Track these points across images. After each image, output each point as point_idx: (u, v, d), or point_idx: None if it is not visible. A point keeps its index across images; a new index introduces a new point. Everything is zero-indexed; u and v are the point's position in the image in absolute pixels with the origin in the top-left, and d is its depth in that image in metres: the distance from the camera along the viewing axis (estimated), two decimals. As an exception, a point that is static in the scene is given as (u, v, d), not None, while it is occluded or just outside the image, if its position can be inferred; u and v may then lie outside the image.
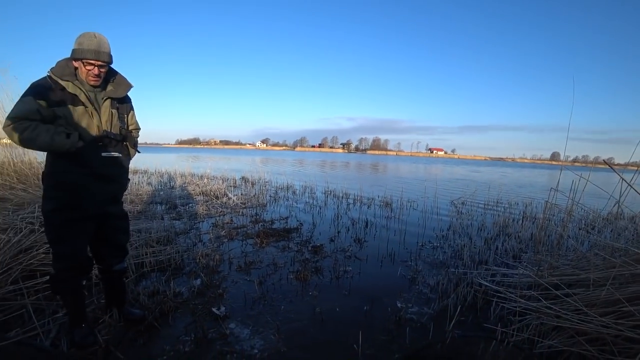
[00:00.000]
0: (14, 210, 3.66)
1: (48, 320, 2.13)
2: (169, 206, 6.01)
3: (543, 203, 7.28)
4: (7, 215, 3.37)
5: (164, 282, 2.82)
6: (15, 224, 3.14)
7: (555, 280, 2.39)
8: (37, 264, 2.74)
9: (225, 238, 4.19)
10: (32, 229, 3.12)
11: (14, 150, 5.27)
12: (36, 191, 4.49)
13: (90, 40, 1.71)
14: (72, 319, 1.94)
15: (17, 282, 2.43)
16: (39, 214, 3.50)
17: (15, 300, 2.31)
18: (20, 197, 4.18)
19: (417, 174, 20.39)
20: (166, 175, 10.23)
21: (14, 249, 2.74)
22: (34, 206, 3.74)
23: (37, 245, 2.91)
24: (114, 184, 1.95)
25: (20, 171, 4.97)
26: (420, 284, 3.06)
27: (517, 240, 4.43)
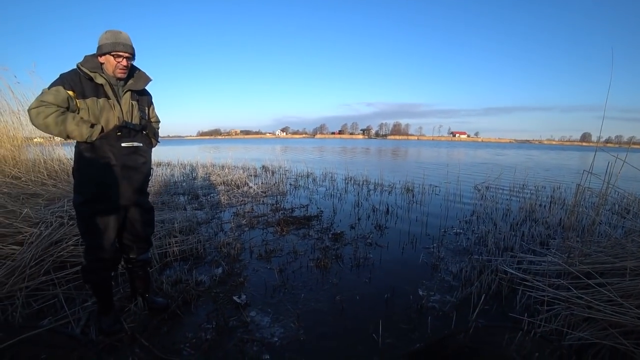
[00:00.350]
0: (45, 205, 3.82)
1: (78, 309, 2.22)
2: (191, 197, 6.13)
3: (573, 187, 7.01)
4: (38, 210, 3.52)
5: (187, 271, 2.89)
6: (46, 218, 3.27)
7: (586, 269, 2.28)
8: (67, 255, 2.86)
9: (246, 227, 4.24)
10: (62, 223, 3.25)
11: (44, 148, 5.53)
12: (65, 186, 4.68)
13: (118, 35, 1.83)
14: (100, 307, 2.03)
15: (49, 273, 2.54)
16: (68, 207, 3.64)
17: (47, 290, 2.42)
18: (51, 193, 4.35)
19: (439, 158, 19.95)
20: (188, 167, 10.43)
21: (46, 241, 2.87)
22: (63, 201, 3.88)
23: (67, 238, 3.03)
24: (137, 174, 1.99)
25: (51, 168, 5.20)
26: (443, 271, 3.00)
27: (544, 226, 4.26)
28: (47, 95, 1.71)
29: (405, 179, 8.08)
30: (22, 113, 5.37)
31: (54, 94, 1.72)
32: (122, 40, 1.82)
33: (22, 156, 5.24)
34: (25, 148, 5.45)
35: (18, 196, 4.01)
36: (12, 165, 4.86)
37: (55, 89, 1.73)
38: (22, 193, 4.19)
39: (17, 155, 5.14)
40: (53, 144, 5.73)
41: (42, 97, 1.70)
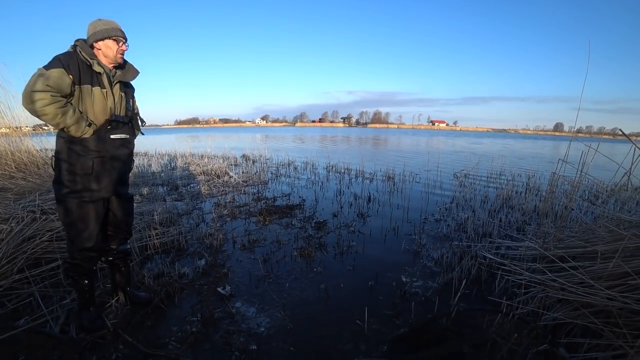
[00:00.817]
0: (15, 200, 3.63)
1: (56, 307, 2.15)
2: (170, 187, 5.99)
3: (547, 175, 7.30)
4: (8, 205, 3.35)
5: (169, 263, 2.84)
6: (16, 213, 3.12)
7: (560, 253, 2.37)
8: (41, 252, 2.74)
9: (228, 217, 4.19)
10: (34, 217, 3.11)
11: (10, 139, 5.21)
12: (36, 179, 4.46)
13: (113, 22, 1.84)
14: (81, 303, 1.97)
15: (23, 271, 2.43)
16: (40, 201, 3.49)
17: (22, 288, 2.32)
18: (20, 186, 4.15)
19: (419, 147, 20.23)
20: (166, 157, 10.18)
21: (17, 238, 2.73)
22: (34, 194, 3.71)
23: (40, 234, 2.90)
24: (123, 165, 1.99)
25: (19, 160, 4.93)
26: (425, 257, 3.07)
27: (520, 213, 4.41)
28: (52, 79, 1.61)
29: (386, 167, 8.19)
30: None
31: (58, 77, 1.64)
32: (119, 26, 1.84)
33: None
34: None
35: (-17, 191, 3.81)
36: (-25, 158, 4.59)
37: (60, 72, 1.64)
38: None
39: None
40: (20, 134, 5.42)
41: (47, 80, 1.60)
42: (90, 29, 1.81)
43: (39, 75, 1.60)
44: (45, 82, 1.59)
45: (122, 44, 1.86)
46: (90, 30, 1.81)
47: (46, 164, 5.23)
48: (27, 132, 5.54)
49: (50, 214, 3.29)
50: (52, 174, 4.73)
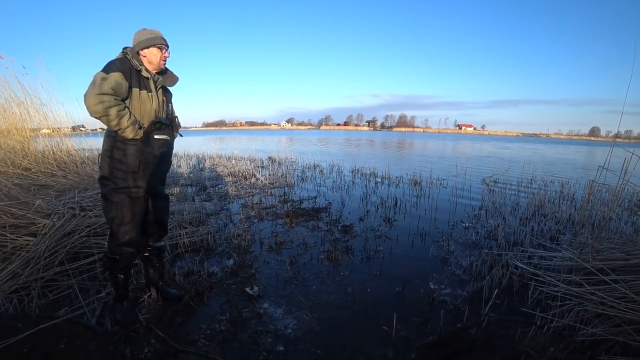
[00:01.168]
0: (56, 196, 3.85)
1: (93, 300, 2.27)
2: (199, 188, 6.16)
3: (583, 182, 6.97)
4: (50, 201, 3.56)
5: (198, 262, 2.92)
6: (58, 209, 3.31)
7: (599, 265, 2.27)
8: (80, 246, 2.91)
9: (255, 218, 4.26)
10: (74, 214, 3.29)
11: (52, 139, 5.55)
12: (74, 177, 4.71)
13: (153, 31, 1.95)
14: (116, 297, 2.07)
15: (63, 264, 2.59)
16: (79, 199, 3.69)
17: (62, 280, 2.47)
18: (61, 184, 4.39)
19: (445, 151, 19.83)
20: (195, 158, 10.47)
21: (59, 232, 2.91)
22: (74, 192, 3.92)
23: (79, 229, 3.07)
24: (164, 165, 2.11)
25: (60, 159, 5.24)
26: (453, 265, 3.01)
27: (554, 221, 4.24)
28: (114, 82, 1.74)
29: (413, 172, 8.07)
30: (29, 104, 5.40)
31: (119, 82, 1.77)
32: (162, 35, 1.98)
33: (31, 147, 5.27)
34: (34, 139, 5.47)
35: (29, 187, 4.06)
36: (22, 156, 4.90)
37: (120, 76, 1.78)
38: (33, 184, 4.23)
39: (26, 147, 5.18)
40: (61, 135, 5.75)
41: (110, 83, 1.73)
42: (136, 38, 1.94)
43: (102, 79, 1.71)
44: (109, 85, 1.72)
45: (165, 51, 1.98)
46: (136, 38, 1.94)
47: (84, 163, 5.52)
48: (67, 133, 5.88)
49: (88, 211, 3.47)
50: (89, 172, 5.03)
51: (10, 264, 2.43)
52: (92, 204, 3.73)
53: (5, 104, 5.25)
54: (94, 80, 1.72)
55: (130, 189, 1.92)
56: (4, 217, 2.93)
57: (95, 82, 1.71)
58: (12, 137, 5.16)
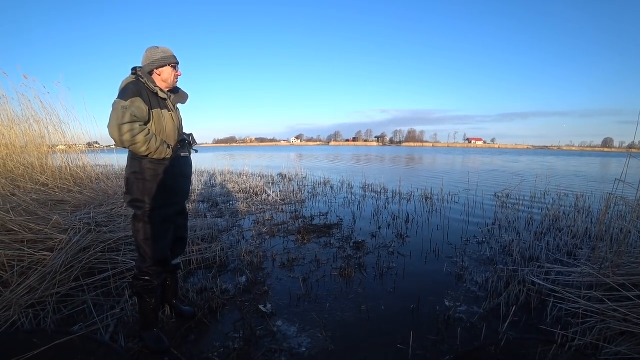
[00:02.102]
0: (72, 212, 3.94)
1: (106, 316, 2.28)
2: (210, 204, 6.23)
3: (598, 195, 6.84)
4: (66, 217, 3.64)
5: (211, 279, 2.93)
6: (74, 224, 3.38)
7: (621, 280, 2.22)
8: (95, 262, 2.95)
9: (267, 235, 4.28)
10: (90, 229, 3.35)
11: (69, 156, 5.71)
12: (90, 193, 4.82)
13: (164, 50, 1.96)
14: (145, 322, 2.01)
15: (79, 279, 2.63)
16: (94, 214, 3.76)
17: (77, 296, 2.51)
18: (77, 199, 4.50)
19: (455, 165, 19.71)
20: (206, 174, 10.60)
21: (75, 248, 2.96)
22: (89, 207, 4.01)
23: (95, 245, 3.12)
24: (188, 182, 2.17)
25: (76, 175, 5.38)
26: (468, 281, 2.96)
27: (570, 236, 4.15)
28: (135, 109, 1.77)
29: (424, 187, 8.03)
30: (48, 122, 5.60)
31: (140, 108, 1.79)
32: (173, 54, 1.99)
33: (49, 163, 5.42)
34: (51, 155, 5.63)
35: (46, 203, 4.16)
36: (40, 172, 5.05)
37: (139, 102, 1.80)
38: (50, 200, 4.34)
39: (44, 163, 5.34)
40: (78, 151, 5.92)
41: (132, 110, 1.75)
42: (148, 56, 1.93)
43: (122, 108, 1.72)
44: (132, 113, 1.74)
45: (178, 70, 2.02)
46: (148, 57, 1.93)
47: (98, 179, 5.65)
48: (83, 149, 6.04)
49: (103, 227, 3.53)
50: (103, 188, 5.14)
51: (27, 279, 2.48)
52: (106, 219, 3.80)
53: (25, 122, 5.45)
54: (115, 110, 1.72)
55: (164, 208, 1.95)
56: (22, 232, 3.01)
57: (117, 112, 1.71)
58: (30, 153, 5.33)
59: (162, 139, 1.90)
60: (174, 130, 1.99)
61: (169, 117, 1.97)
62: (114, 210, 4.19)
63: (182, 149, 2.03)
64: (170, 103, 2.00)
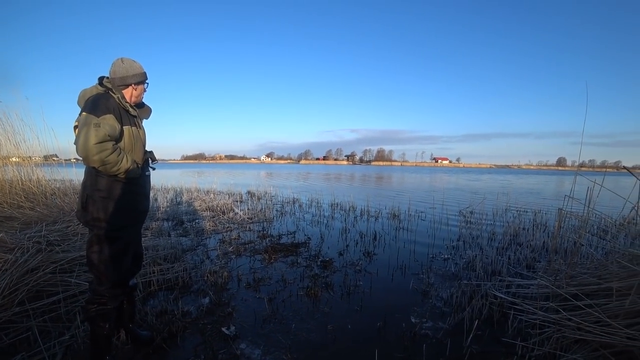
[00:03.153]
0: (21, 230, 3.66)
1: (54, 343, 2.09)
2: (175, 222, 6.00)
3: (554, 211, 7.24)
4: (14, 235, 3.36)
5: (172, 301, 2.78)
6: (22, 243, 3.12)
7: (574, 290, 2.32)
8: (43, 284, 2.72)
9: (233, 254, 4.15)
10: (39, 249, 3.11)
11: (22, 168, 5.31)
12: (43, 209, 4.50)
13: (133, 65, 1.88)
14: (97, 350, 1.84)
15: (24, 304, 2.40)
16: (46, 232, 3.50)
17: (21, 322, 2.28)
18: (28, 216, 4.19)
19: (422, 184, 20.29)
20: (172, 191, 10.26)
21: (21, 269, 2.72)
22: (41, 225, 3.73)
23: (44, 265, 2.89)
24: (148, 200, 2.07)
25: (29, 190, 5.00)
26: (434, 297, 2.99)
27: (529, 250, 4.34)
28: (108, 127, 1.66)
29: (391, 205, 8.16)
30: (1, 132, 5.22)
31: (112, 126, 1.69)
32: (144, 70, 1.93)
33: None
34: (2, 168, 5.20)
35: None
36: (-14, 186, 4.65)
37: (112, 119, 1.69)
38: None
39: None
40: (32, 164, 5.50)
41: (104, 129, 1.64)
42: (123, 70, 1.84)
43: (95, 125, 1.61)
44: (104, 132, 1.63)
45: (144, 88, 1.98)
46: (123, 70, 1.84)
47: (54, 195, 5.28)
48: (39, 162, 5.61)
49: (55, 245, 3.29)
50: (59, 204, 4.83)
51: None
52: (60, 238, 3.55)
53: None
54: (85, 127, 1.61)
55: (128, 228, 1.87)
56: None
57: (89, 130, 1.60)
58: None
59: (132, 157, 1.82)
60: (141, 149, 1.93)
61: (138, 134, 1.90)
62: (69, 228, 3.92)
63: (146, 166, 1.98)
64: (139, 119, 1.95)
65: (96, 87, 1.82)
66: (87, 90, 1.82)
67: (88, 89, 1.83)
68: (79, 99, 1.81)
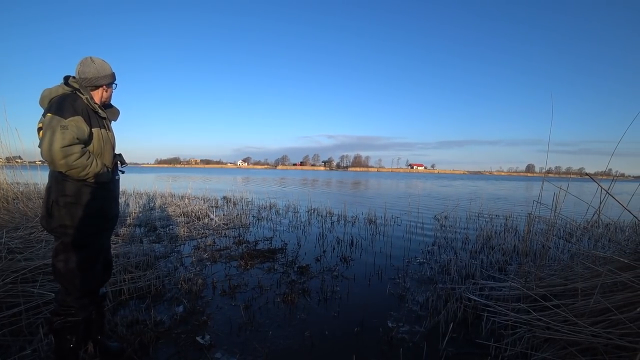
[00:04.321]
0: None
1: (14, 359, 1.96)
2: (148, 228, 5.80)
3: (524, 215, 7.53)
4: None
5: (144, 310, 2.68)
6: (-21, 251, 2.92)
7: (542, 292, 2.40)
8: (2, 295, 2.54)
9: (208, 261, 4.05)
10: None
11: None
12: (4, 215, 4.24)
13: (103, 66, 1.82)
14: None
15: (-20, 317, 2.24)
16: (7, 239, 3.29)
17: (-23, 337, 2.12)
18: (-14, 222, 3.93)
19: (398, 189, 20.62)
20: (145, 196, 9.93)
21: (-23, 279, 2.54)
22: (1, 231, 3.49)
23: (4, 275, 2.70)
24: (118, 204, 2.00)
25: (-11, 193, 4.68)
26: (410, 301, 3.02)
27: (501, 253, 4.48)
28: (75, 129, 1.59)
29: (368, 211, 8.23)
30: None
31: (80, 129, 1.62)
32: (112, 70, 1.87)
33: None
34: None
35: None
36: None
37: (80, 121, 1.62)
38: None
39: None
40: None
41: (72, 132, 1.56)
42: (93, 70, 1.78)
43: (62, 128, 1.54)
44: (72, 135, 1.56)
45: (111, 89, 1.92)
46: (93, 71, 1.78)
47: (17, 199, 4.98)
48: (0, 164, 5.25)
49: (17, 254, 3.09)
50: (22, 209, 4.56)
51: None
52: (22, 245, 3.35)
53: None
54: (52, 129, 1.52)
55: (98, 234, 1.80)
56: None
57: (56, 133, 1.52)
58: None
59: (102, 161, 1.76)
60: (110, 151, 1.86)
61: (107, 136, 1.84)
62: (32, 235, 3.71)
63: (116, 170, 1.92)
64: (108, 120, 1.88)
65: (62, 87, 1.73)
66: (52, 89, 1.73)
67: (53, 88, 1.73)
68: (41, 99, 1.72)
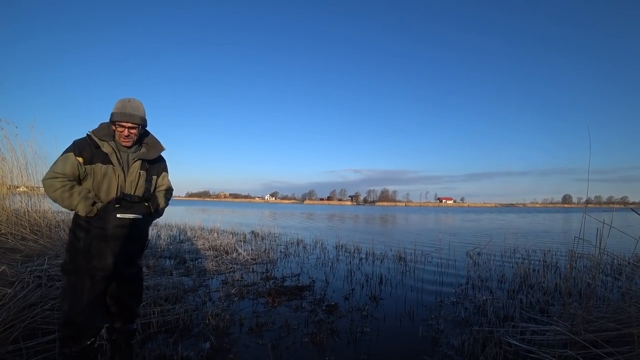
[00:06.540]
0: (22, 262, 3.57)
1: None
2: (177, 261, 5.91)
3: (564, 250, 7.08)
4: (15, 267, 3.28)
5: (172, 344, 2.66)
6: (23, 277, 3.04)
7: (592, 337, 2.20)
8: (40, 321, 2.61)
9: (236, 296, 4.04)
10: (40, 283, 3.02)
11: (30, 199, 5.26)
12: (47, 242, 4.43)
13: (123, 105, 1.89)
14: None
15: (18, 342, 2.29)
16: (47, 266, 3.42)
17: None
18: (31, 248, 4.09)
19: (427, 225, 20.08)
20: (175, 229, 10.20)
21: (19, 304, 2.62)
22: (43, 258, 3.64)
23: (43, 301, 2.79)
24: (130, 245, 1.97)
25: (34, 221, 4.89)
26: (444, 345, 2.85)
27: (541, 292, 4.18)
28: (58, 164, 1.80)
29: (397, 247, 8.01)
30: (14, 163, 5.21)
31: (63, 162, 1.80)
32: (128, 110, 1.87)
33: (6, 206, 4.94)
34: (10, 197, 5.13)
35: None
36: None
37: (65, 157, 1.81)
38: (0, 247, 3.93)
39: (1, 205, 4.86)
40: (39, 194, 5.47)
41: (54, 166, 1.79)
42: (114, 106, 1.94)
43: (54, 163, 1.81)
44: (54, 170, 1.79)
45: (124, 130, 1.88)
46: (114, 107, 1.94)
47: (58, 227, 5.21)
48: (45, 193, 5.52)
49: (56, 281, 3.20)
50: (62, 237, 4.76)
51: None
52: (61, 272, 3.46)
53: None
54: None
55: (83, 267, 1.83)
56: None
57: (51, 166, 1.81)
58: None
59: (91, 194, 1.85)
60: (113, 188, 1.88)
61: (111, 172, 1.87)
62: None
63: (121, 209, 1.88)
64: (117, 157, 1.89)
65: None
66: None
67: None
68: None
